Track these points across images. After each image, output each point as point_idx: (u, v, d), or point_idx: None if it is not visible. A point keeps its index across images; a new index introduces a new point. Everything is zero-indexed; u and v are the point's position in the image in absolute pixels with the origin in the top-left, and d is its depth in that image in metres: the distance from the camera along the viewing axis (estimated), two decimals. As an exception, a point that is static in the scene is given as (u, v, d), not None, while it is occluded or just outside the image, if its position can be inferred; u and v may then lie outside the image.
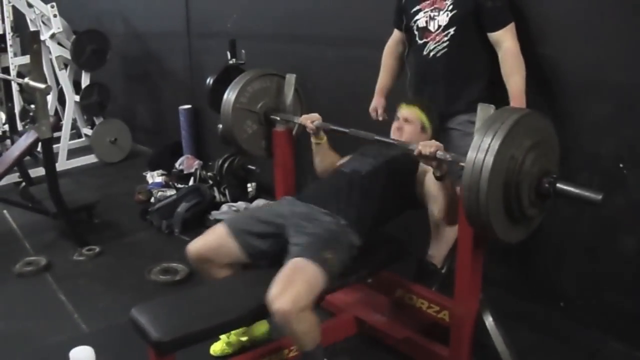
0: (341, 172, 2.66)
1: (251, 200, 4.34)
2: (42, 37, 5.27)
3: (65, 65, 5.68)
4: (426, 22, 2.79)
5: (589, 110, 2.62)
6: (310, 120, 2.78)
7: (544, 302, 2.94)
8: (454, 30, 2.71)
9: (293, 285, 2.07)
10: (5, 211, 4.57)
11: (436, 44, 2.78)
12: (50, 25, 5.46)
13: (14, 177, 4.90)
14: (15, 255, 3.79)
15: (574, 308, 2.83)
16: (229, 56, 4.22)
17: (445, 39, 2.74)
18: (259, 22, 4.37)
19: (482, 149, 1.93)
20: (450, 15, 2.70)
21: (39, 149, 3.99)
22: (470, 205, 1.97)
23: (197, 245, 2.45)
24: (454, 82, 2.79)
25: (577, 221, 2.70)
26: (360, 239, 2.40)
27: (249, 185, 4.48)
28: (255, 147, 3.20)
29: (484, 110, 2.12)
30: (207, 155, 5.25)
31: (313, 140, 2.86)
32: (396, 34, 3.06)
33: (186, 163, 5.13)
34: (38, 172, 4.80)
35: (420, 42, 2.84)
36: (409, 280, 2.70)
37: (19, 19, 5.88)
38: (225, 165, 4.40)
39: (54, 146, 3.99)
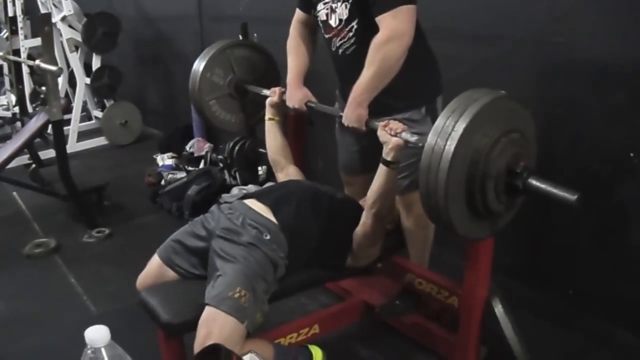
0: (300, 180, 2.59)
1: (262, 184, 4.32)
2: (53, 20, 5.26)
3: (76, 48, 5.67)
4: (326, 15, 2.42)
5: (601, 99, 2.59)
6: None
7: (553, 290, 2.93)
8: (357, 24, 2.32)
9: (211, 338, 1.91)
10: (15, 193, 4.59)
11: (342, 41, 2.40)
12: (61, 8, 5.45)
13: (24, 159, 4.89)
14: (24, 237, 3.81)
15: (584, 296, 2.81)
16: (240, 39, 4.19)
17: (351, 34, 2.35)
18: (271, 5, 4.34)
19: (443, 133, 1.75)
20: (349, 6, 2.31)
21: (49, 131, 4.00)
22: (427, 194, 1.81)
23: (140, 281, 2.31)
24: None
25: (587, 209, 2.68)
26: (287, 260, 2.19)
27: (259, 168, 4.47)
28: (227, 120, 3.20)
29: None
30: (217, 138, 5.23)
31: (268, 115, 2.76)
32: (299, 14, 2.67)
33: (197, 146, 5.13)
34: (48, 154, 4.79)
35: (326, 36, 2.50)
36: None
37: (29, 2, 5.86)
38: (236, 148, 4.39)
39: (64, 128, 3.98)
